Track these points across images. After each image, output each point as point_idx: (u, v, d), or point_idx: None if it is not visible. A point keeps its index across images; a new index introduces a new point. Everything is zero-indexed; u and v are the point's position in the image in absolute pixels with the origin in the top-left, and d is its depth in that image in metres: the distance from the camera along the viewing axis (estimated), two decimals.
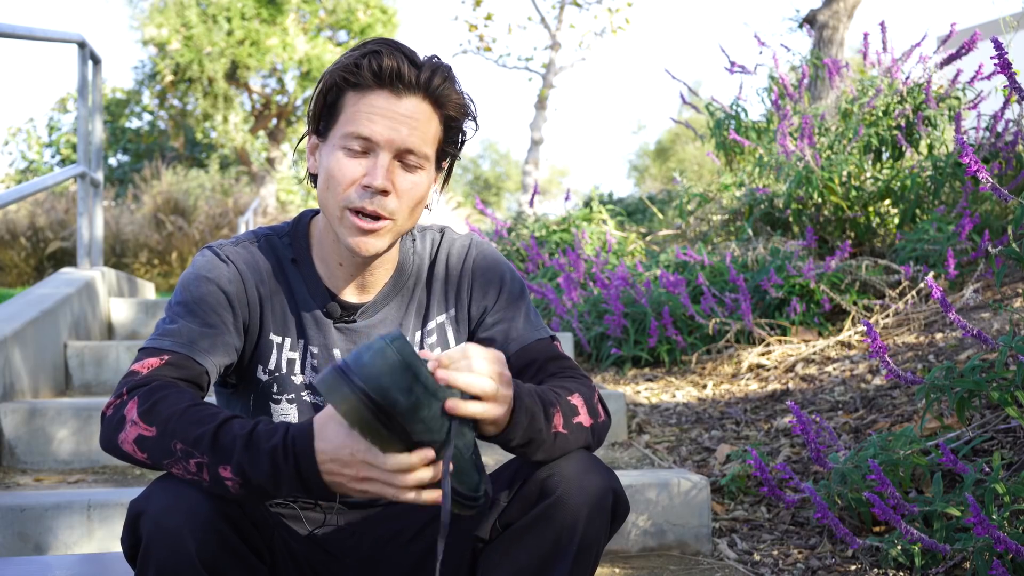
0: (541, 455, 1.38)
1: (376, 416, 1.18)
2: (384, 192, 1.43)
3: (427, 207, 1.54)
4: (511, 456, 1.44)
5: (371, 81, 1.42)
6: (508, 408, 1.30)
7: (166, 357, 1.41)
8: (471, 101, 1.51)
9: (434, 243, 1.62)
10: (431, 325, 1.59)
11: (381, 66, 1.41)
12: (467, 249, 1.61)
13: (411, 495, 1.23)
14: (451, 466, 1.24)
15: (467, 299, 1.59)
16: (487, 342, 1.56)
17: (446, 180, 1.58)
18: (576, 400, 1.43)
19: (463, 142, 1.54)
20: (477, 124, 1.53)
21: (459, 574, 1.50)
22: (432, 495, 1.23)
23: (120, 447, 1.34)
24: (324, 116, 1.48)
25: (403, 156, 1.44)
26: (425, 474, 1.22)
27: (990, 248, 3.52)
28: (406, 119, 1.43)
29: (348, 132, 1.43)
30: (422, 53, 1.47)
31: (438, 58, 1.47)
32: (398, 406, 1.18)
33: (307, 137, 1.54)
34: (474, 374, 1.25)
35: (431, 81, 1.44)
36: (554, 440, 1.38)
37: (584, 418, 1.43)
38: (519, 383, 1.35)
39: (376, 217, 1.45)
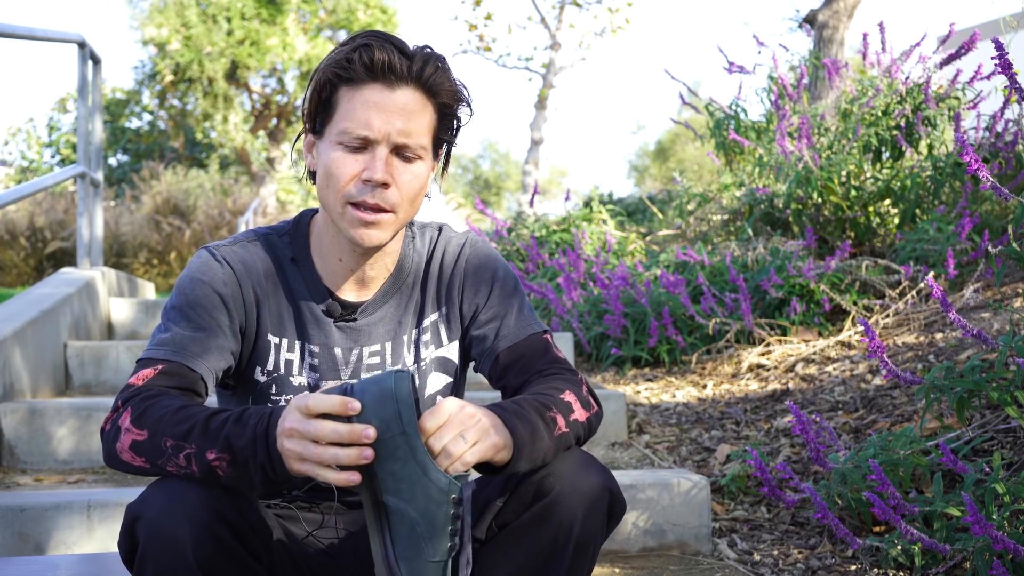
0: (550, 458, 1.39)
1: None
2: (385, 185, 1.44)
3: (427, 195, 1.55)
4: None
5: (364, 75, 1.42)
6: (506, 442, 1.31)
7: (160, 367, 1.42)
8: (464, 87, 1.51)
9: (431, 240, 1.62)
10: (426, 323, 1.60)
11: (372, 59, 1.41)
12: (461, 248, 1.61)
13: (331, 475, 1.23)
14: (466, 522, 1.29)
15: (458, 298, 1.60)
16: (479, 340, 1.58)
17: (445, 167, 1.58)
18: (568, 396, 1.45)
19: (458, 128, 1.54)
20: (472, 109, 1.53)
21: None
22: (349, 477, 1.23)
23: (119, 457, 1.36)
24: (319, 113, 1.47)
25: (400, 149, 1.45)
26: (351, 452, 1.22)
27: (990, 248, 3.52)
28: (400, 111, 1.43)
29: (344, 129, 1.43)
30: (412, 44, 1.46)
31: (430, 48, 1.47)
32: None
33: (303, 135, 1.54)
34: (452, 453, 1.27)
35: (423, 71, 1.44)
36: (559, 441, 1.39)
37: (579, 413, 1.45)
38: (505, 406, 1.36)
39: (378, 210, 1.45)
